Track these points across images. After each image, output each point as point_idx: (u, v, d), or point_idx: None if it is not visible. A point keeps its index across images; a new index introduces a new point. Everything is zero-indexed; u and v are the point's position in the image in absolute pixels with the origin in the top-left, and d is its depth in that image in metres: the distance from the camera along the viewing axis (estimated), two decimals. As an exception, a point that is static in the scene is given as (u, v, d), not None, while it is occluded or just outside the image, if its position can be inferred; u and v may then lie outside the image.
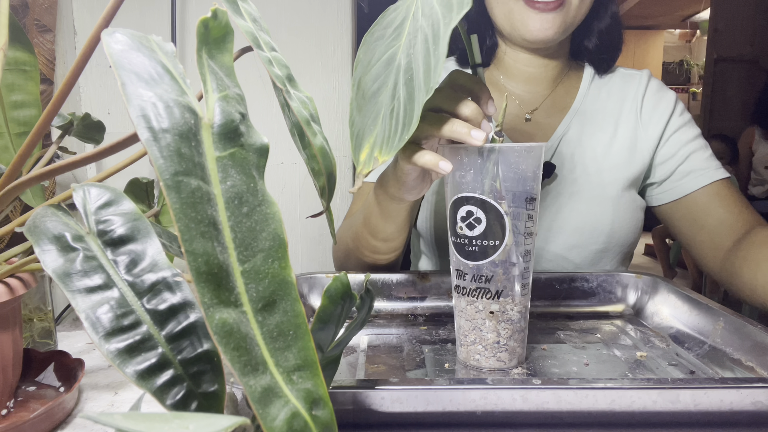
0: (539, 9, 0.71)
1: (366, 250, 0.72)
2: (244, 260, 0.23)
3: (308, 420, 0.22)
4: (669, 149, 0.81)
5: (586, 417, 0.39)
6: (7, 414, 0.43)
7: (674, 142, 0.81)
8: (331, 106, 1.10)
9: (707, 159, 0.80)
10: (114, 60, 0.24)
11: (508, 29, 0.76)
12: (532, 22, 0.72)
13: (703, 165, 0.79)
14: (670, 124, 0.81)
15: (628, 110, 0.82)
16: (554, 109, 0.82)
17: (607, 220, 0.78)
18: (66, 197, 0.34)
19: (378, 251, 0.71)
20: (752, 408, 0.39)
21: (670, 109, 0.82)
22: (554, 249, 0.79)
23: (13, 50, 0.52)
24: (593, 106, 0.82)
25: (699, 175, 0.78)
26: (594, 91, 0.83)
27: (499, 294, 0.49)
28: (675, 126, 0.81)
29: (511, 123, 0.81)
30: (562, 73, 0.83)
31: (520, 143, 0.49)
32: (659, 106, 0.82)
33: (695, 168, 0.79)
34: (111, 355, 0.24)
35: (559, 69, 0.82)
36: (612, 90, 0.83)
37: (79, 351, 0.58)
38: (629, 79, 0.84)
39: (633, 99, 0.83)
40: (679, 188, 0.80)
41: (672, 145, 0.81)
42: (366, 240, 0.71)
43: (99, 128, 0.60)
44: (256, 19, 0.34)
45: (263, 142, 0.26)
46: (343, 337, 0.35)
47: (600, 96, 0.83)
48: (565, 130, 0.80)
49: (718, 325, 0.55)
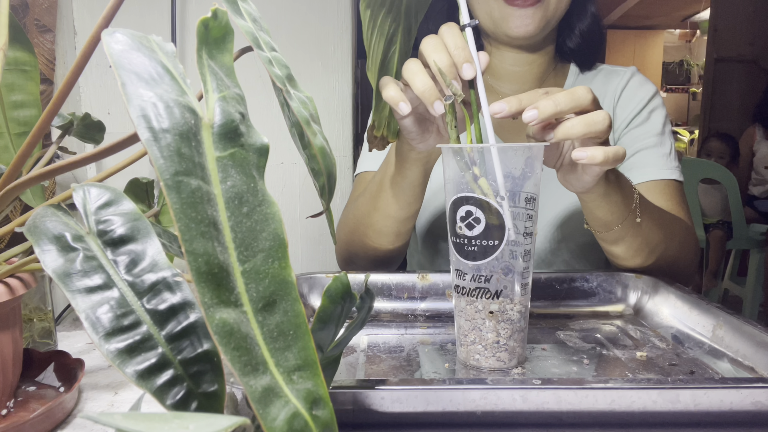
0: (518, 5, 0.72)
1: (369, 229, 0.72)
2: (245, 260, 0.23)
3: (308, 420, 0.22)
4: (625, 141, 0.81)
5: (586, 417, 0.39)
6: (7, 414, 0.43)
7: (632, 135, 0.81)
8: (331, 106, 1.10)
9: (659, 158, 0.79)
10: (114, 60, 0.24)
11: (492, 28, 0.77)
12: (513, 19, 0.73)
13: (650, 162, 0.78)
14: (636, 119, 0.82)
15: (606, 106, 0.83)
16: None
17: None
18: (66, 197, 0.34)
19: (381, 231, 0.71)
20: (752, 408, 0.39)
21: (642, 104, 0.82)
22: (544, 245, 0.80)
23: (13, 50, 0.52)
24: None
25: (641, 171, 0.78)
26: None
27: (499, 294, 0.49)
28: (640, 120, 0.82)
29: (500, 122, 0.82)
30: (548, 72, 0.84)
31: (519, 143, 0.49)
32: (632, 101, 0.83)
33: (641, 164, 0.79)
34: (111, 355, 0.24)
35: (544, 67, 0.83)
36: (595, 87, 0.84)
37: (79, 351, 0.58)
38: (613, 76, 0.86)
39: (612, 95, 0.84)
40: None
41: (628, 138, 0.81)
42: (371, 217, 0.71)
43: (99, 128, 0.60)
44: (256, 19, 0.34)
45: (263, 142, 0.26)
46: (343, 337, 0.35)
47: None
48: None
49: (718, 325, 0.55)
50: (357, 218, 0.74)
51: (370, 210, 0.71)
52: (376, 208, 0.70)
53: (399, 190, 0.67)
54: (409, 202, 0.68)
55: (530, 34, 0.74)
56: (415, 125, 0.57)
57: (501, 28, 0.75)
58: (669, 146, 0.81)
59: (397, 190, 0.67)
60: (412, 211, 0.70)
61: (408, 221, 0.71)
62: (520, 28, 0.73)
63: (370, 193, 0.71)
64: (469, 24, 0.51)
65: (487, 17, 0.76)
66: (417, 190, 0.67)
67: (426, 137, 0.59)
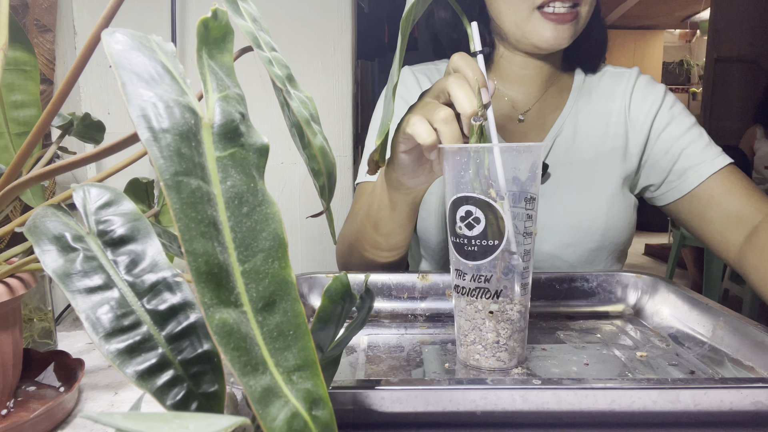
0: (555, 20, 0.72)
1: (366, 243, 0.72)
2: (244, 260, 0.23)
3: (308, 420, 0.22)
4: (660, 149, 0.80)
5: (586, 417, 0.39)
6: (7, 414, 0.43)
7: (664, 141, 0.80)
8: (331, 106, 1.10)
9: (702, 151, 0.78)
10: (114, 60, 0.24)
11: (518, 35, 0.75)
12: (548, 33, 0.72)
13: (698, 159, 0.77)
14: (656, 121, 0.81)
15: (618, 109, 0.82)
16: (547, 109, 0.83)
17: (602, 219, 0.78)
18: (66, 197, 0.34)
19: (378, 246, 0.71)
20: (752, 408, 0.38)
21: (657, 104, 0.81)
22: (548, 248, 0.79)
23: (13, 50, 0.52)
24: (586, 106, 0.83)
25: (696, 171, 0.77)
26: (585, 91, 0.84)
27: (499, 294, 0.49)
28: (663, 123, 0.80)
29: (504, 124, 0.82)
30: (554, 76, 0.84)
31: (519, 143, 0.49)
32: (645, 103, 0.82)
33: (690, 164, 0.78)
34: (111, 356, 0.24)
35: (552, 71, 0.83)
36: (603, 90, 0.84)
37: (79, 351, 0.58)
38: (619, 77, 0.85)
39: (621, 97, 0.83)
40: (678, 188, 0.79)
41: (662, 145, 0.80)
42: (367, 232, 0.71)
43: (99, 128, 0.60)
44: (256, 19, 0.34)
45: (263, 142, 0.26)
46: (343, 337, 0.35)
47: (591, 96, 0.83)
48: (558, 130, 0.81)
49: (718, 325, 0.55)
50: (354, 233, 0.74)
51: (367, 228, 0.71)
52: (371, 225, 0.70)
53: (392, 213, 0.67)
54: (402, 224, 0.68)
55: (561, 47, 0.74)
56: (412, 161, 0.57)
57: (529, 38, 0.74)
58: (705, 135, 0.79)
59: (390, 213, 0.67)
60: (407, 232, 0.70)
61: (404, 240, 0.71)
62: (551, 41, 0.73)
63: (365, 211, 0.72)
64: (481, 51, 0.55)
65: (513, 25, 0.74)
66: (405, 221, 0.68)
67: (418, 173, 0.59)
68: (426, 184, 0.61)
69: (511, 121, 0.82)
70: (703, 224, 0.77)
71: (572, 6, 0.71)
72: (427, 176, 0.59)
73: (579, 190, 0.79)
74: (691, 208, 0.78)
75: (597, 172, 0.79)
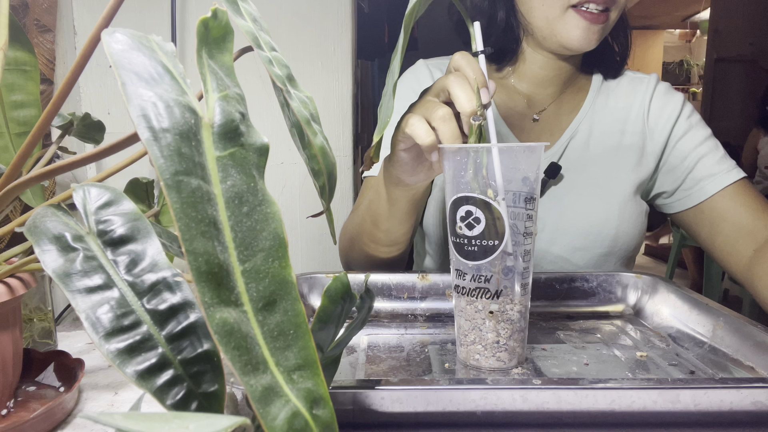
0: (589, 20, 0.71)
1: (367, 237, 0.72)
2: (245, 260, 0.23)
3: (309, 419, 0.22)
4: (676, 157, 0.80)
5: (586, 417, 0.39)
6: (7, 414, 0.43)
7: (681, 149, 0.80)
8: (331, 106, 1.10)
9: (718, 162, 0.78)
10: (114, 60, 0.24)
11: (546, 33, 0.75)
12: (578, 31, 0.72)
13: (713, 170, 0.78)
14: (675, 129, 0.81)
15: (636, 115, 0.82)
16: (563, 111, 0.82)
17: (613, 224, 0.78)
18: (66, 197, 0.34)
19: (378, 241, 0.71)
20: (752, 408, 0.38)
21: (675, 113, 0.81)
22: (558, 251, 0.79)
23: (13, 50, 0.52)
24: (602, 110, 0.82)
25: (710, 182, 0.77)
26: (603, 94, 0.83)
27: (499, 294, 0.49)
28: (681, 131, 0.81)
29: (518, 123, 0.81)
30: (572, 78, 0.83)
31: (519, 143, 0.49)
32: (665, 111, 0.81)
33: (705, 174, 0.78)
34: (111, 355, 0.24)
35: (571, 72, 0.82)
36: (620, 94, 0.83)
37: (79, 351, 0.58)
38: (637, 83, 0.84)
39: (640, 104, 0.82)
40: (690, 197, 0.79)
41: (679, 153, 0.80)
42: (367, 227, 0.71)
43: (99, 128, 0.60)
44: (256, 19, 0.34)
45: (263, 141, 0.26)
46: (343, 337, 0.35)
47: (608, 100, 0.83)
48: (573, 132, 0.80)
49: (718, 325, 0.55)
50: (356, 227, 0.74)
51: (367, 222, 0.71)
52: (371, 220, 0.70)
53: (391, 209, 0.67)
54: (402, 220, 0.68)
55: (587, 49, 0.74)
56: (411, 158, 0.57)
57: (557, 36, 0.74)
58: (720, 147, 0.80)
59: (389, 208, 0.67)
60: (406, 228, 0.70)
61: (403, 235, 0.71)
62: (582, 40, 0.72)
63: (365, 206, 0.72)
64: (483, 51, 0.55)
65: (543, 21, 0.74)
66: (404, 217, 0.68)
67: (418, 171, 0.59)
68: (426, 182, 0.61)
69: (526, 119, 0.82)
70: (713, 234, 0.77)
71: (604, 10, 0.71)
72: (426, 174, 0.59)
73: (591, 195, 0.78)
74: (702, 218, 0.79)
75: (610, 177, 0.79)
